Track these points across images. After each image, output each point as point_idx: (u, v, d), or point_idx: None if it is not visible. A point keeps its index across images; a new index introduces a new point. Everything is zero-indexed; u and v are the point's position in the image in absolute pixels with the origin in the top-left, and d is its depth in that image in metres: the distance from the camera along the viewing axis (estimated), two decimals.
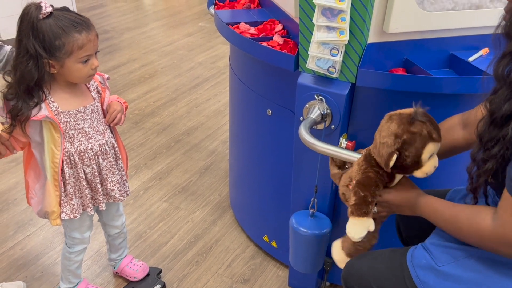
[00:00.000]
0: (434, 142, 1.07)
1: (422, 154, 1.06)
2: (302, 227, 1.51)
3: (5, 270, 1.85)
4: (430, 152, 1.07)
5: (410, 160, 1.07)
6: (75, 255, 1.60)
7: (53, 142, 1.38)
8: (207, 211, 2.18)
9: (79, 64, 1.30)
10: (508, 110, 0.87)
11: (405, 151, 1.06)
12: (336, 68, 1.32)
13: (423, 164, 1.08)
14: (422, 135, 1.06)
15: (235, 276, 1.85)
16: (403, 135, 1.06)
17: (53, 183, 1.42)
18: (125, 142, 2.68)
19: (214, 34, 4.25)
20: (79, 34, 1.27)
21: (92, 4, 5.04)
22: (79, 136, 1.40)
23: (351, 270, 1.20)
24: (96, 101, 1.43)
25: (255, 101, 1.68)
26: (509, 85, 0.88)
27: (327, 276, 1.73)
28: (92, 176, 1.45)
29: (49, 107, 1.34)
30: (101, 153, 1.45)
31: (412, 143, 1.06)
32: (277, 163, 1.70)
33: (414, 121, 1.06)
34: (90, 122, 1.42)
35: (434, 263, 1.07)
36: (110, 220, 1.64)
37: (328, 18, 1.26)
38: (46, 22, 1.25)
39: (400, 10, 1.28)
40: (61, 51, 1.26)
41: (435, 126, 1.08)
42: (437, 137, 1.08)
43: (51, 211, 1.45)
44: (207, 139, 2.74)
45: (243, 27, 1.62)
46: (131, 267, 1.78)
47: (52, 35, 1.25)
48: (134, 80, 3.43)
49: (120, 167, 1.52)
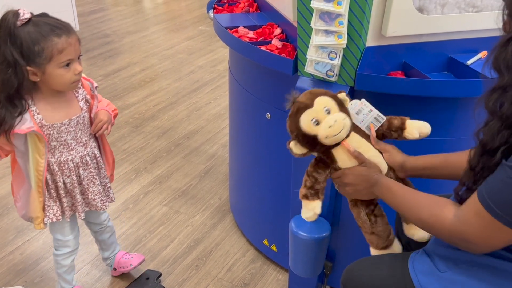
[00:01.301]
0: (304, 112, 1.12)
1: (302, 127, 1.13)
2: (301, 231, 1.50)
3: (5, 275, 1.85)
4: (308, 121, 1.12)
5: (301, 138, 1.15)
6: (61, 258, 1.59)
7: (37, 152, 1.36)
8: (207, 215, 2.18)
9: (60, 69, 1.28)
10: (501, 141, 0.89)
11: (293, 134, 1.17)
12: (334, 71, 1.32)
13: (316, 133, 1.13)
14: (292, 113, 1.15)
15: (235, 280, 1.84)
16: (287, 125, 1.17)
17: (37, 190, 1.41)
18: (125, 146, 2.68)
19: (214, 38, 4.25)
20: (58, 38, 1.25)
21: (92, 8, 5.05)
22: (60, 147, 1.39)
23: (350, 275, 1.19)
24: (83, 111, 1.41)
25: (254, 104, 1.68)
26: (500, 117, 0.89)
27: (327, 280, 1.72)
28: (71, 186, 1.44)
29: (34, 118, 1.32)
30: (82, 164, 1.44)
31: (291, 125, 1.16)
32: (277, 166, 1.70)
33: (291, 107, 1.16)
34: (73, 134, 1.40)
35: (436, 269, 1.06)
36: (91, 218, 1.64)
37: (326, 22, 1.26)
38: (25, 28, 1.23)
39: (398, 13, 1.28)
40: (41, 56, 1.24)
41: (306, 97, 1.15)
42: (305, 106, 1.13)
43: (35, 216, 1.45)
44: (207, 143, 2.74)
45: (242, 31, 1.62)
46: (125, 257, 1.78)
47: (30, 41, 1.23)
48: (135, 84, 3.43)
49: (102, 176, 1.52)
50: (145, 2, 5.50)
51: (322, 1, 1.23)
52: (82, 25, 4.42)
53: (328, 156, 1.19)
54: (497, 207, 0.87)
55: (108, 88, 3.36)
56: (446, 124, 1.40)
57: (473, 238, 0.93)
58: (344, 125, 1.13)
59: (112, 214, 2.16)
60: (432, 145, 1.40)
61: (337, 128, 1.12)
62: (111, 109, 1.49)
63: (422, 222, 1.03)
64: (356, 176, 1.16)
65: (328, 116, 1.12)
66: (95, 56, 3.87)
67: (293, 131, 1.16)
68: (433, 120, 1.39)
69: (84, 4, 5.11)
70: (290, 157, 1.56)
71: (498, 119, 0.90)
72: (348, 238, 1.63)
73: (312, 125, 1.12)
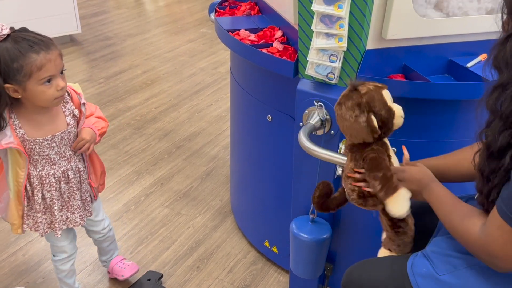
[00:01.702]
0: (384, 88, 1.14)
1: (387, 101, 1.13)
2: (302, 232, 1.52)
3: (7, 276, 1.86)
4: (389, 97, 1.14)
5: (384, 112, 1.12)
6: (59, 263, 1.59)
7: (17, 164, 1.36)
8: (208, 216, 2.19)
9: (41, 86, 1.25)
10: (503, 142, 0.89)
11: (375, 108, 1.12)
12: (335, 74, 1.33)
13: (394, 110, 1.14)
14: (373, 89, 1.12)
15: (236, 282, 1.85)
16: (361, 100, 1.12)
17: (16, 200, 1.41)
18: (126, 148, 2.69)
19: (216, 40, 4.27)
20: (36, 55, 1.22)
21: (94, 11, 5.07)
22: (42, 161, 1.38)
23: (350, 277, 1.20)
24: (70, 126, 1.39)
25: (255, 107, 1.69)
26: (501, 117, 0.89)
27: (327, 282, 1.73)
28: (50, 202, 1.42)
29: (15, 133, 1.31)
30: (63, 178, 1.42)
31: (373, 98, 1.12)
32: (278, 168, 1.71)
33: (356, 88, 1.13)
34: (56, 149, 1.38)
35: (434, 271, 1.07)
36: (90, 226, 1.63)
37: (326, 25, 1.27)
38: (3, 45, 1.21)
39: (398, 16, 1.29)
40: (20, 73, 1.22)
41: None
42: (382, 84, 1.15)
43: (12, 223, 1.46)
44: (209, 145, 2.75)
45: (243, 34, 1.63)
46: (120, 265, 1.78)
47: (9, 58, 1.21)
48: (136, 86, 3.45)
49: (84, 191, 1.49)
50: (146, 4, 5.52)
51: (323, 4, 1.25)
52: (84, 27, 4.44)
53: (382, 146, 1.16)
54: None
55: (109, 90, 3.37)
56: (446, 126, 1.41)
57: (497, 252, 0.91)
58: None
59: (114, 216, 2.18)
60: (432, 147, 1.41)
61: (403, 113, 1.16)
62: (98, 128, 1.46)
63: (453, 232, 1.02)
64: (412, 174, 1.12)
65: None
66: (97, 59, 3.89)
67: (375, 106, 1.11)
68: (433, 122, 1.41)
69: (86, 7, 5.13)
70: (290, 159, 1.57)
71: (499, 119, 0.90)
72: (348, 240, 1.64)
73: (390, 101, 1.14)
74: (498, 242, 0.90)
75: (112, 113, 3.05)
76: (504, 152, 0.90)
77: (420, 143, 1.40)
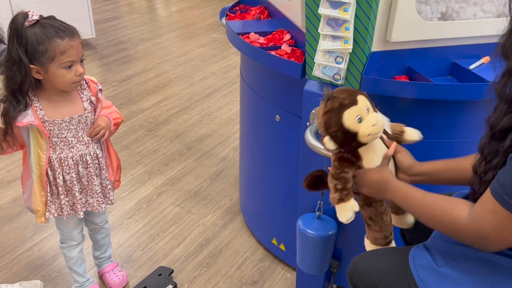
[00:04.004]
0: (349, 108, 1.11)
1: (344, 123, 1.11)
2: (308, 229, 1.56)
3: (24, 269, 1.93)
4: (352, 118, 1.11)
5: (340, 134, 1.13)
6: (66, 250, 1.66)
7: (39, 146, 1.44)
8: (217, 215, 2.24)
9: (62, 70, 1.35)
10: (507, 124, 0.92)
11: (330, 129, 1.13)
12: (341, 75, 1.38)
13: (357, 130, 1.12)
14: (333, 109, 1.12)
15: (244, 278, 1.90)
16: (322, 119, 1.14)
17: (39, 184, 1.48)
18: (139, 149, 2.76)
19: (227, 45, 4.34)
20: (61, 40, 1.33)
21: (108, 16, 5.17)
22: (61, 144, 1.46)
23: (355, 268, 1.24)
24: (87, 111, 1.48)
25: (264, 107, 1.74)
26: (506, 100, 0.93)
27: (333, 279, 1.77)
28: (71, 184, 1.49)
29: (36, 114, 1.40)
30: (81, 162, 1.49)
31: (330, 120, 1.13)
32: (285, 167, 1.76)
33: (327, 103, 1.14)
34: (74, 132, 1.46)
35: (434, 263, 1.09)
36: (90, 216, 1.69)
37: (333, 27, 1.32)
38: (32, 29, 1.32)
39: (402, 19, 1.33)
40: (44, 56, 1.32)
41: (347, 93, 1.13)
42: (350, 102, 1.11)
43: (36, 209, 1.52)
44: (219, 146, 2.80)
45: (253, 37, 1.69)
46: (111, 275, 1.82)
47: (35, 41, 1.31)
48: (149, 89, 3.52)
49: (103, 178, 1.56)
50: (159, 10, 5.62)
51: (329, 8, 1.30)
52: (98, 32, 4.54)
53: (354, 155, 1.19)
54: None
55: (123, 93, 3.45)
56: (449, 127, 1.45)
57: (489, 235, 0.94)
58: (383, 124, 1.15)
59: (126, 214, 2.24)
60: (435, 147, 1.45)
61: (379, 126, 1.13)
62: (113, 117, 1.54)
63: (436, 223, 1.04)
64: (369, 177, 1.17)
65: (369, 114, 1.13)
66: (111, 62, 3.98)
67: (331, 127, 1.13)
68: (437, 122, 1.44)
69: (100, 12, 5.23)
70: (298, 159, 1.62)
71: (505, 102, 0.93)
72: (354, 237, 1.67)
73: (355, 122, 1.11)
74: (490, 224, 0.93)
75: (125, 115, 3.12)
76: (506, 133, 0.92)
77: (424, 142, 1.44)
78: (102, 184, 1.57)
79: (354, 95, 1.13)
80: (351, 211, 1.20)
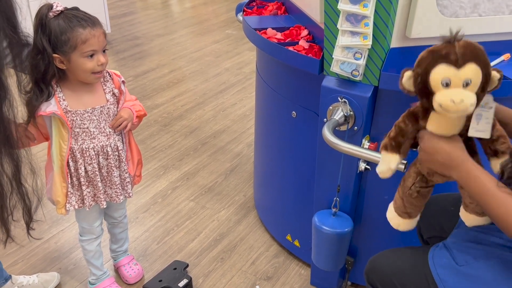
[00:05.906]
0: (447, 65, 0.94)
1: (430, 74, 0.95)
2: (324, 225, 1.56)
3: (41, 261, 1.95)
4: (440, 75, 0.94)
5: (420, 79, 0.97)
6: (86, 243, 1.68)
7: (60, 136, 1.46)
8: (232, 210, 2.25)
9: (84, 59, 1.37)
10: None
11: (417, 68, 0.98)
12: (359, 71, 1.37)
13: (434, 90, 0.96)
14: (435, 52, 0.95)
15: (259, 273, 1.91)
16: (423, 53, 0.98)
17: (60, 175, 1.50)
18: (154, 144, 2.77)
19: (241, 41, 4.34)
20: (83, 29, 1.35)
21: (123, 12, 5.20)
22: (83, 134, 1.47)
23: (373, 267, 1.24)
24: (109, 103, 1.50)
25: (281, 103, 1.74)
26: None
27: (348, 275, 1.76)
28: (93, 174, 1.51)
29: (59, 104, 1.42)
30: (102, 153, 1.51)
31: (425, 60, 0.97)
32: (301, 164, 1.75)
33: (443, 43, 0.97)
34: (96, 123, 1.48)
35: (454, 262, 1.09)
36: (109, 210, 1.71)
37: (352, 23, 1.31)
38: (56, 20, 1.34)
39: (422, 15, 1.32)
40: (67, 45, 1.34)
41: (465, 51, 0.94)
42: (455, 61, 0.93)
43: (56, 200, 1.54)
44: (233, 142, 2.81)
45: (270, 33, 1.68)
46: (127, 269, 1.84)
47: (59, 30, 1.34)
48: (163, 85, 3.54)
49: (122, 170, 1.57)
50: (173, 6, 5.64)
51: (348, 4, 1.29)
52: (113, 27, 4.57)
53: (424, 114, 1.05)
54: None
55: (137, 88, 3.47)
56: None
57: None
58: (463, 110, 0.96)
59: (141, 208, 2.26)
60: None
61: (456, 108, 0.94)
62: (135, 109, 1.56)
63: (498, 220, 0.95)
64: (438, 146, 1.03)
65: (461, 89, 0.95)
66: (126, 58, 4.00)
67: (420, 66, 0.98)
68: None
69: (115, 8, 5.27)
70: (314, 155, 1.61)
71: None
72: (370, 234, 1.67)
73: (440, 82, 0.95)
74: None
75: None
76: None
77: None
78: (121, 177, 1.58)
79: (467, 58, 0.94)
80: (387, 165, 1.10)
